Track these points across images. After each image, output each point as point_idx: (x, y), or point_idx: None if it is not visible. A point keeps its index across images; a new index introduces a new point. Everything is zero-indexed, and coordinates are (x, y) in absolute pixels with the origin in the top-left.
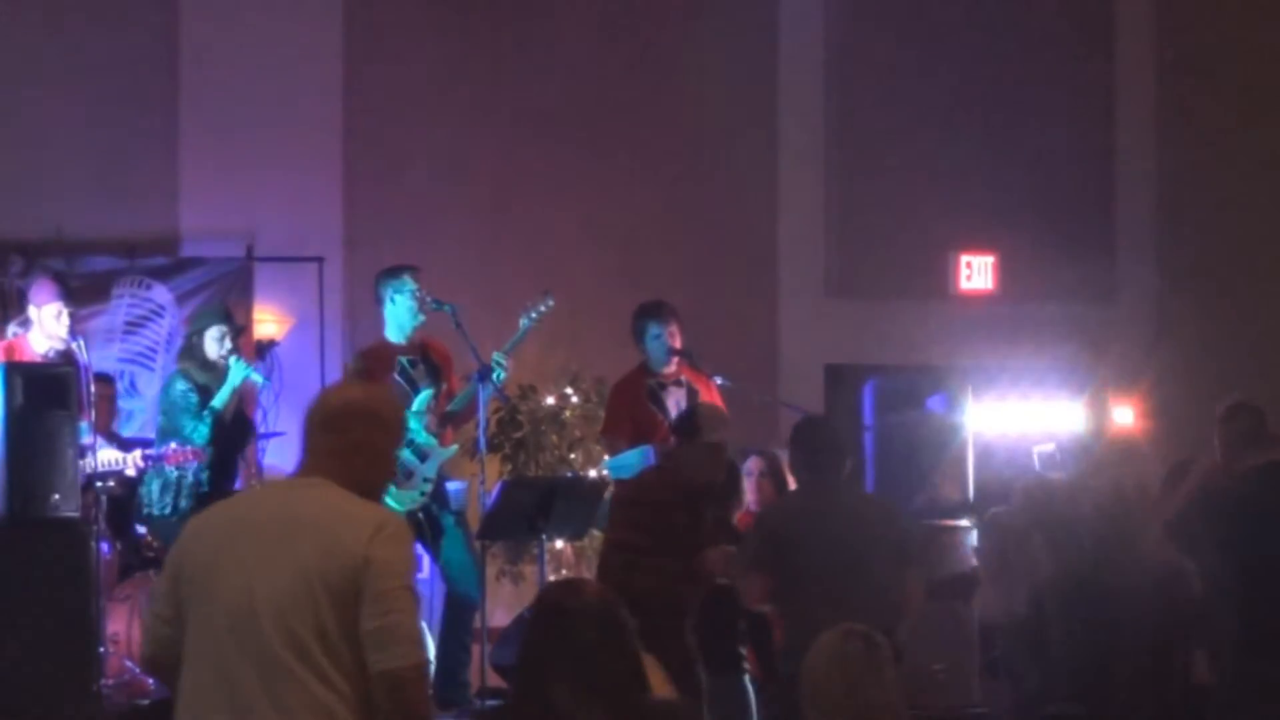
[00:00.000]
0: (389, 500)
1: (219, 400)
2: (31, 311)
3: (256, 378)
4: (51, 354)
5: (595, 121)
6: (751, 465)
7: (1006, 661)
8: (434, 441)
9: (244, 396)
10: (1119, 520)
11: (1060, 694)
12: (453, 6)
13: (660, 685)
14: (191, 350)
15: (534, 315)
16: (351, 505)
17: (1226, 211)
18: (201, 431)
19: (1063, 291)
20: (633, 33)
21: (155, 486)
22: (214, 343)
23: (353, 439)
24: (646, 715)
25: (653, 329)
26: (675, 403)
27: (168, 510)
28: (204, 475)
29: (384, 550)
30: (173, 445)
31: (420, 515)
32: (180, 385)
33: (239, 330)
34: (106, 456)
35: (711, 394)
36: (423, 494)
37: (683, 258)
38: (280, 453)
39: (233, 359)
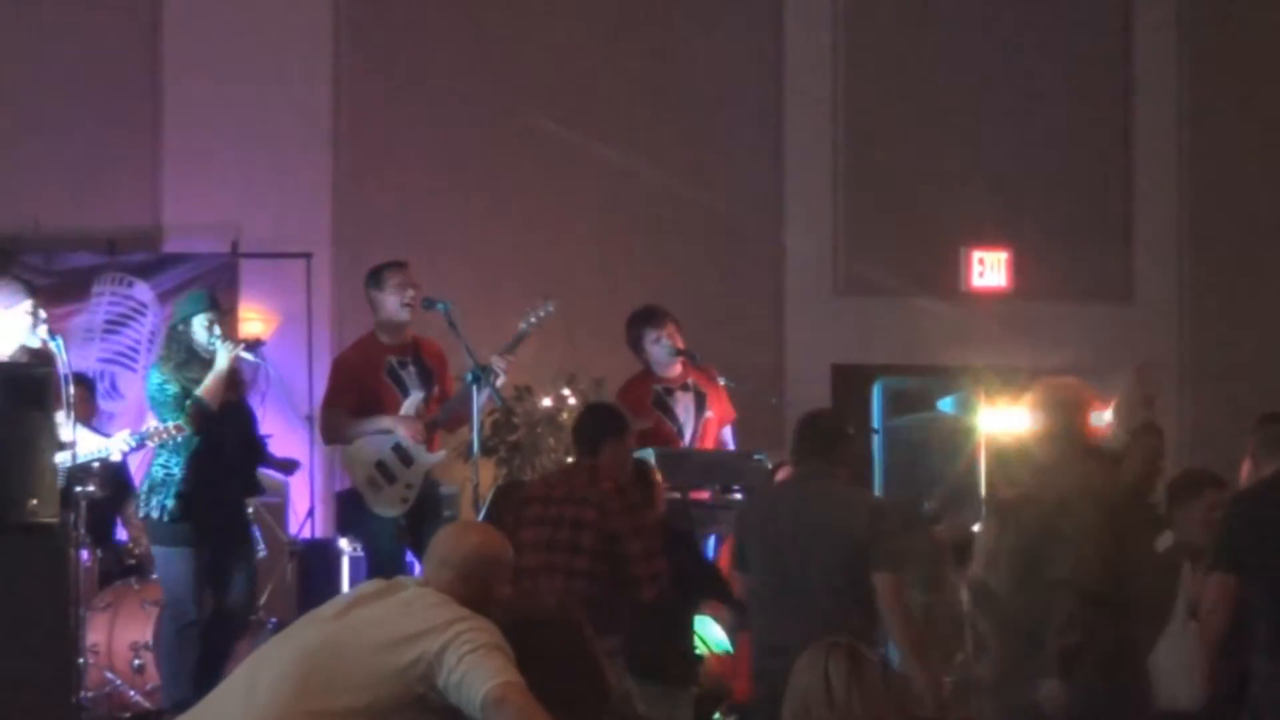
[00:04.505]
0: (375, 507)
1: (203, 388)
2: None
3: (246, 355)
4: (19, 355)
5: (595, 117)
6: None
7: None
8: (420, 447)
9: (238, 381)
10: None
11: None
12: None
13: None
14: (177, 341)
15: (533, 320)
16: None
17: (1248, 206)
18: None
19: (1078, 289)
20: (634, 27)
21: (145, 487)
22: (202, 330)
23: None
24: None
25: (650, 334)
26: (684, 407)
27: (155, 513)
28: (176, 469)
29: None
30: (153, 423)
31: (404, 521)
32: (156, 378)
33: (225, 315)
34: (90, 445)
35: (718, 395)
36: (405, 500)
37: (686, 255)
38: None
39: (219, 343)
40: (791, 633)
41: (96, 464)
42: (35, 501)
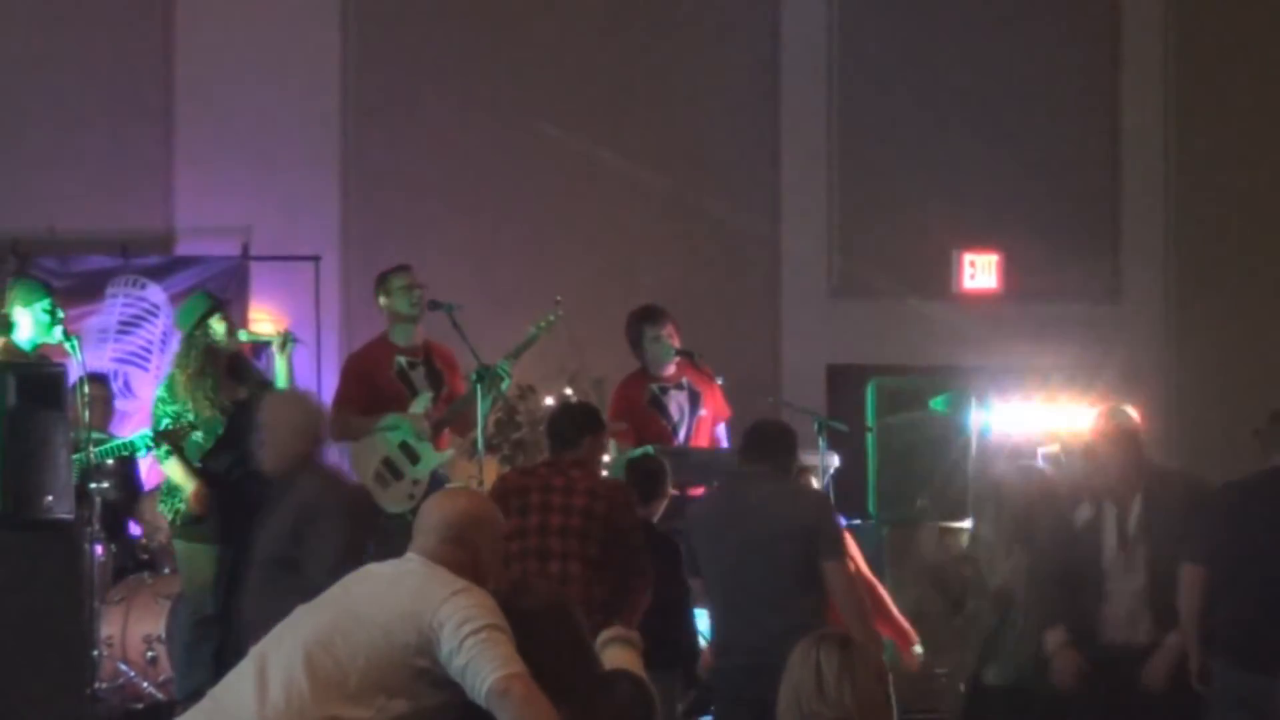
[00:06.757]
0: (382, 504)
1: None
2: (18, 313)
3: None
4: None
5: (596, 122)
6: None
7: None
8: (427, 444)
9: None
10: None
11: None
12: (451, 4)
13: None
14: (195, 347)
15: (542, 325)
16: None
17: (1234, 209)
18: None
19: (1068, 290)
20: (634, 31)
21: (169, 483)
22: (219, 326)
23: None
24: (603, 710)
25: (649, 332)
26: (678, 406)
27: (182, 508)
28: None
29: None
30: (165, 424)
31: (411, 517)
32: (162, 393)
33: (228, 304)
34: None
35: (714, 395)
36: (412, 496)
37: (684, 257)
38: None
39: (243, 332)
40: (748, 628)
41: (112, 461)
42: (50, 498)
